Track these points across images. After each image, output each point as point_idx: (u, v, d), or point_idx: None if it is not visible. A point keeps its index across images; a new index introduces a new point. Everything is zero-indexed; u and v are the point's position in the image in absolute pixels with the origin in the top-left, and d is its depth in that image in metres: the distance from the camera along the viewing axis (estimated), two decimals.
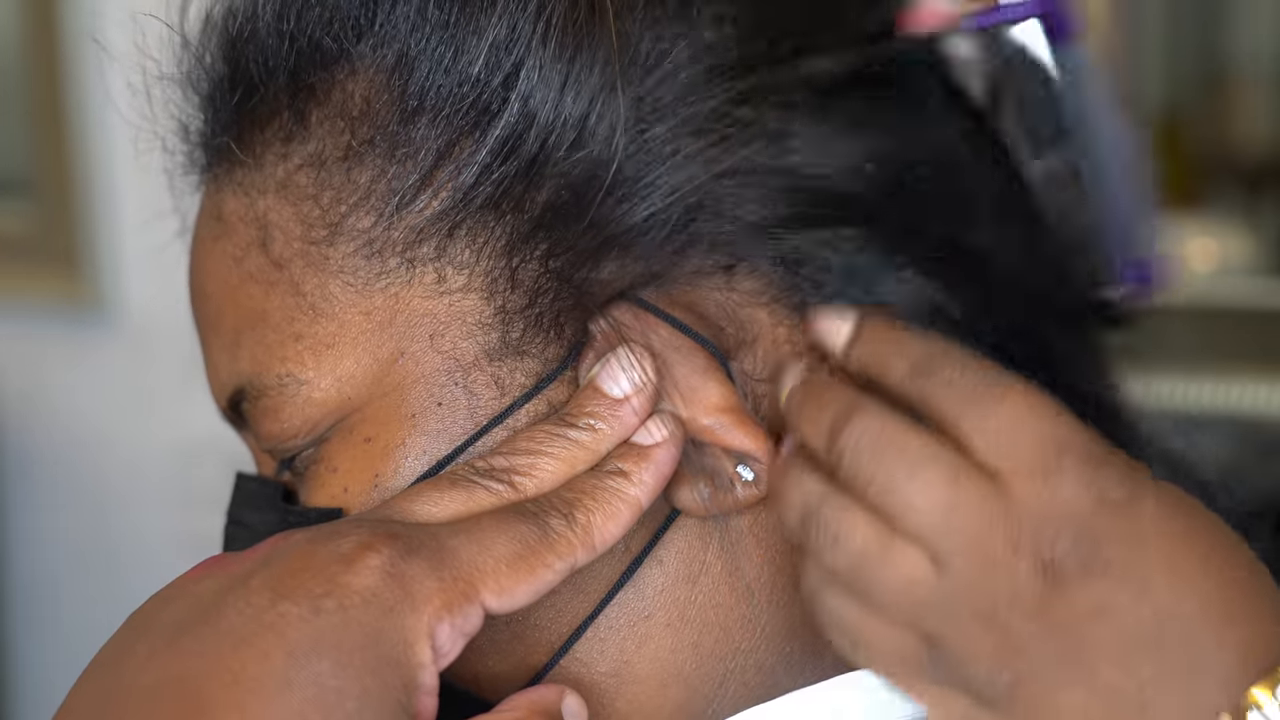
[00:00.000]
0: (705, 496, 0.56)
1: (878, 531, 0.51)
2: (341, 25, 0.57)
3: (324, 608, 0.48)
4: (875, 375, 0.53)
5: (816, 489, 0.52)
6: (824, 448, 0.52)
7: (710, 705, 0.58)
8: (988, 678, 0.49)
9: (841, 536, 0.51)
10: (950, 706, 0.51)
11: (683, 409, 0.55)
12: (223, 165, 0.60)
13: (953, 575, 0.49)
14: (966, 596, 0.49)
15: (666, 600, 0.57)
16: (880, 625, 0.51)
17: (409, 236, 0.56)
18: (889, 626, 0.51)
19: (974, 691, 0.50)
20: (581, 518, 0.53)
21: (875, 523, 0.51)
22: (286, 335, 0.57)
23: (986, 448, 0.50)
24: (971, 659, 0.49)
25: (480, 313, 0.56)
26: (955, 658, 0.50)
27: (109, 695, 0.49)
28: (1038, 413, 0.50)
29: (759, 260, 0.56)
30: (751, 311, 0.57)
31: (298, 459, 0.59)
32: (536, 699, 0.54)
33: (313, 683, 0.47)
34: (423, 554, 0.50)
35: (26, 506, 2.20)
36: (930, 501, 0.50)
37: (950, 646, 0.50)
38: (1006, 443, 0.49)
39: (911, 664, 0.51)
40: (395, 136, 0.56)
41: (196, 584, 0.51)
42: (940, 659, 0.50)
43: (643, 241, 0.55)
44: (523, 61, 0.55)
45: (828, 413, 0.52)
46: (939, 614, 0.50)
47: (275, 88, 0.58)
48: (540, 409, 0.56)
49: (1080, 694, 0.48)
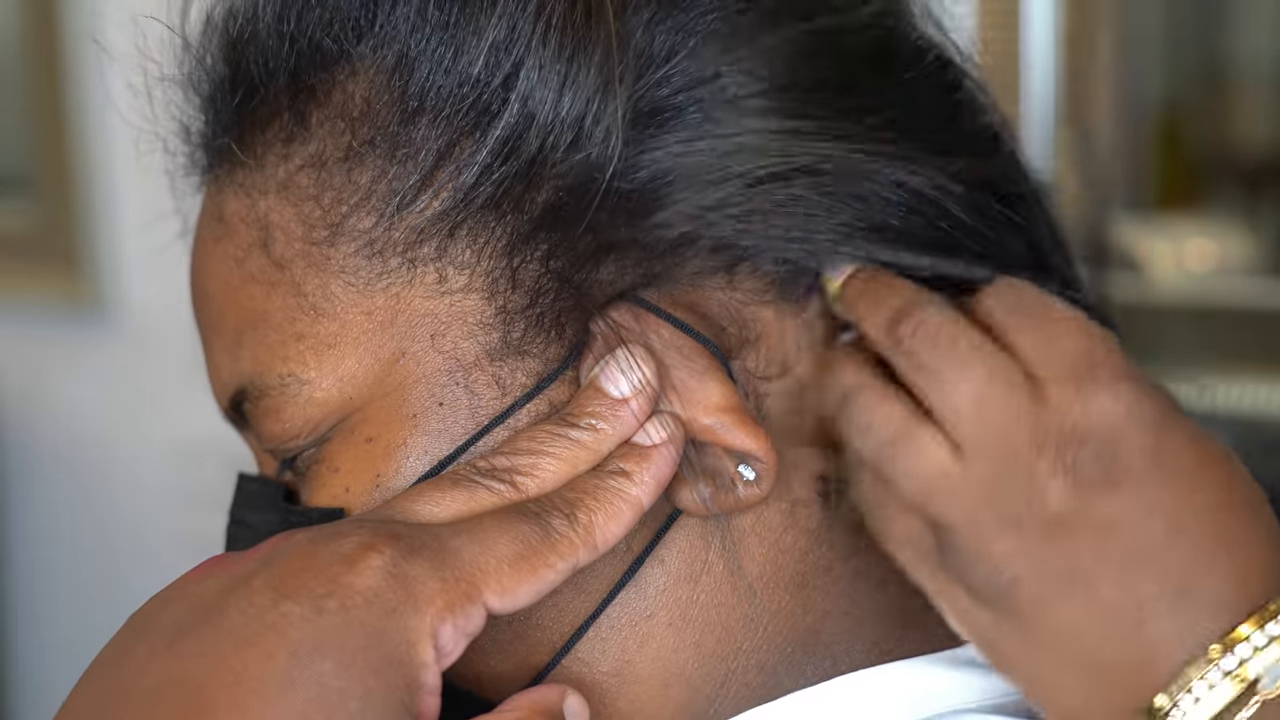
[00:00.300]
0: (706, 496, 0.56)
1: (907, 417, 0.52)
2: (341, 26, 0.57)
3: (326, 608, 0.48)
4: None
5: (858, 377, 0.54)
6: (880, 334, 0.54)
7: (712, 705, 0.58)
8: (987, 575, 0.50)
9: (875, 422, 0.53)
10: (954, 599, 0.52)
11: (684, 409, 0.55)
12: (224, 166, 0.60)
13: (972, 466, 0.50)
14: (981, 489, 0.50)
15: (668, 600, 0.57)
16: (898, 508, 0.53)
17: (410, 237, 0.56)
18: (905, 511, 0.52)
19: (974, 588, 0.51)
20: (583, 517, 0.53)
21: (907, 409, 0.52)
22: (288, 335, 0.57)
23: (1031, 354, 0.51)
24: (976, 554, 0.50)
25: (481, 313, 0.56)
26: (960, 550, 0.51)
27: (109, 696, 0.49)
28: (1080, 328, 0.51)
29: (761, 260, 0.56)
30: (755, 310, 0.57)
31: (299, 459, 0.59)
32: (538, 699, 0.54)
33: (315, 683, 0.47)
34: (425, 554, 0.50)
35: (26, 506, 2.20)
36: (966, 392, 0.51)
37: (958, 538, 0.51)
38: (1049, 351, 0.51)
39: (921, 550, 0.52)
40: (396, 137, 0.56)
41: (198, 584, 0.51)
42: (947, 549, 0.51)
43: (643, 242, 0.55)
44: (522, 62, 0.55)
45: (890, 302, 0.54)
46: (952, 503, 0.51)
47: (276, 89, 0.58)
48: (541, 409, 0.56)
49: (1077, 606, 0.49)
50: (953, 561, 0.51)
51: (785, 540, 0.58)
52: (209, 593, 0.50)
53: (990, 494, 0.50)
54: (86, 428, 2.13)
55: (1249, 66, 2.02)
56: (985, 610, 0.51)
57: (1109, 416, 0.50)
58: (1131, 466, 0.49)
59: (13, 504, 2.20)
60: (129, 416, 2.08)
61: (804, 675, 0.58)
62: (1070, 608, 0.49)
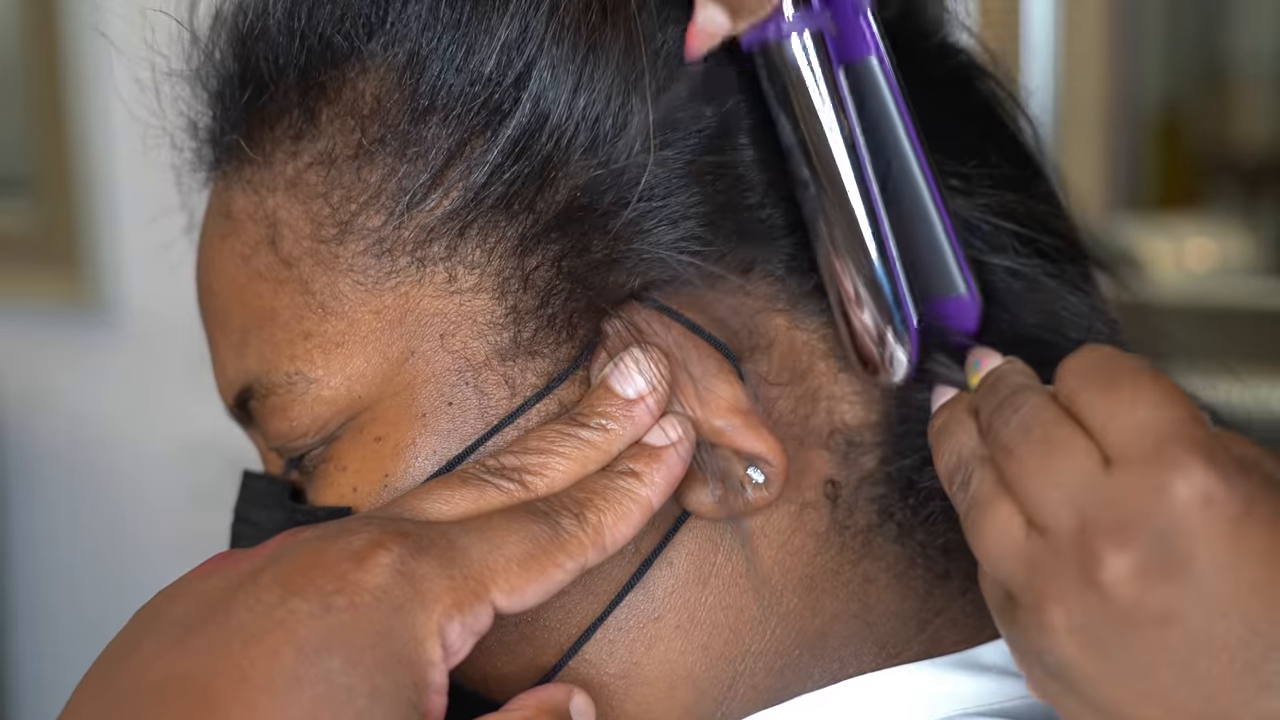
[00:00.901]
0: (716, 498, 0.56)
1: (994, 484, 0.51)
2: (353, 23, 0.57)
3: (334, 605, 0.48)
4: None
5: (970, 440, 0.53)
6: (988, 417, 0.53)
7: (719, 708, 0.57)
8: (1043, 652, 0.50)
9: (971, 481, 0.52)
10: (1026, 665, 0.52)
11: (694, 411, 0.55)
12: (232, 163, 0.60)
13: (1040, 543, 0.49)
14: (1046, 567, 0.49)
15: (677, 602, 0.57)
16: (984, 571, 0.52)
17: (419, 235, 0.56)
18: (986, 575, 0.52)
19: (1031, 661, 0.51)
20: (593, 518, 0.53)
21: (994, 476, 0.51)
22: (295, 333, 0.57)
23: (1101, 432, 0.49)
24: (1036, 628, 0.50)
25: (491, 312, 0.56)
26: (1023, 623, 0.50)
27: (116, 693, 0.49)
28: (1153, 400, 0.49)
29: (773, 266, 0.56)
30: (767, 316, 0.57)
31: (306, 457, 0.59)
32: (544, 698, 0.54)
33: (323, 680, 0.47)
34: (433, 552, 0.50)
35: (28, 506, 2.20)
36: (1042, 474, 0.50)
37: (1021, 611, 0.50)
38: (1119, 428, 0.49)
39: (999, 614, 0.52)
40: (406, 135, 0.56)
41: (204, 581, 0.51)
42: (1014, 618, 0.51)
43: (656, 245, 0.55)
44: (535, 61, 0.55)
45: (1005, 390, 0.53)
46: (1017, 576, 0.50)
47: (285, 85, 0.57)
48: (551, 409, 0.56)
49: (1133, 692, 0.48)
50: (1018, 631, 0.51)
51: (794, 543, 0.57)
52: (216, 589, 0.50)
53: (1053, 572, 0.49)
54: (87, 428, 2.13)
55: (1249, 66, 2.02)
56: (1053, 680, 0.50)
57: (1172, 502, 0.47)
58: (1193, 556, 0.47)
59: (13, 504, 2.20)
60: (130, 417, 2.08)
61: (811, 678, 0.58)
62: (1127, 693, 0.48)
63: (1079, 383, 0.51)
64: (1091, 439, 0.49)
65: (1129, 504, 0.48)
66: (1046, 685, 0.51)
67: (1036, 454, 0.50)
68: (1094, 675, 0.48)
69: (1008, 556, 0.50)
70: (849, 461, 0.58)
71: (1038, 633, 0.49)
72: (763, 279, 0.57)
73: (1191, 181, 2.02)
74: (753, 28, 0.54)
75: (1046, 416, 0.51)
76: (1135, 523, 0.47)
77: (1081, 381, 0.51)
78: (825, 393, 0.58)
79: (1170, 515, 0.47)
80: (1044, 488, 0.49)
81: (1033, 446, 0.50)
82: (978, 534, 0.51)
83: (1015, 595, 0.50)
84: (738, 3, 0.53)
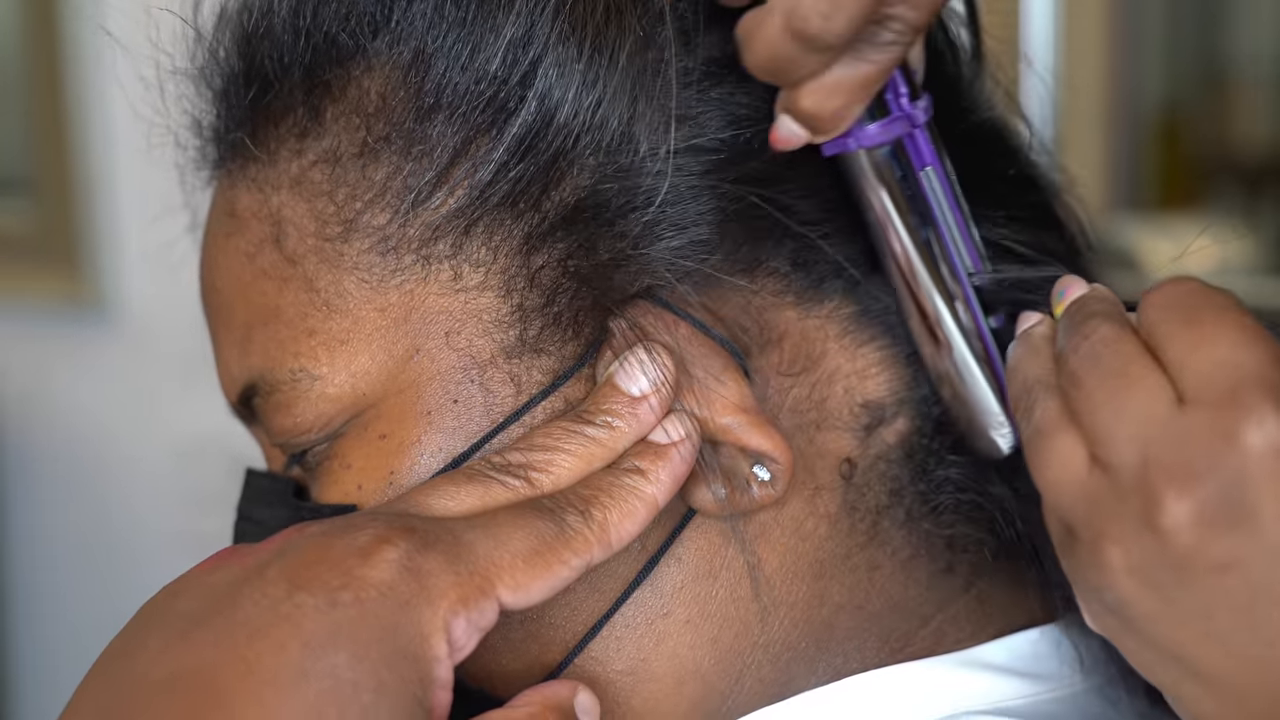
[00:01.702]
0: (721, 496, 0.56)
1: (1059, 415, 0.50)
2: (358, 21, 0.57)
3: (340, 600, 0.48)
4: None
5: (1041, 367, 0.53)
6: (1061, 344, 0.52)
7: (726, 702, 0.58)
8: (1101, 588, 0.49)
9: (1034, 412, 0.52)
10: (1086, 600, 0.51)
11: (700, 408, 0.55)
12: (236, 161, 0.60)
13: (1102, 479, 0.49)
14: (1107, 503, 0.48)
15: (686, 597, 0.57)
16: (1045, 502, 0.52)
17: (424, 233, 0.56)
18: (1047, 507, 0.51)
19: (1089, 596, 0.50)
20: (598, 515, 0.53)
21: (1061, 407, 0.51)
22: (300, 331, 0.57)
23: (1177, 369, 0.48)
24: (1092, 565, 0.49)
25: (497, 310, 0.56)
26: (1081, 558, 0.50)
27: (121, 687, 0.49)
28: (1232, 339, 0.48)
29: (779, 263, 0.57)
30: (776, 311, 0.57)
31: (309, 454, 0.59)
32: (549, 694, 0.54)
33: (329, 675, 0.47)
34: (439, 548, 0.50)
35: (27, 505, 2.20)
36: (1102, 404, 0.49)
37: (1080, 545, 0.50)
38: (1195, 366, 0.48)
39: (1058, 545, 0.51)
40: (411, 133, 0.56)
41: (210, 575, 0.51)
42: (1073, 552, 0.50)
43: (664, 248, 0.55)
44: (540, 59, 0.55)
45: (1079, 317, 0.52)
46: (1077, 509, 0.50)
47: (290, 83, 0.57)
48: (557, 406, 0.56)
49: (1195, 634, 0.47)
50: (1076, 565, 0.50)
51: (806, 526, 0.58)
52: (222, 584, 0.50)
53: (1113, 511, 0.48)
54: (87, 427, 2.13)
55: (1249, 66, 2.02)
56: (1111, 616, 0.50)
57: (1243, 450, 0.46)
58: (1259, 508, 0.46)
59: (13, 504, 2.20)
60: (129, 416, 2.08)
61: (815, 672, 0.58)
62: (1186, 634, 0.48)
63: (1159, 315, 0.50)
64: (1166, 375, 0.48)
65: (1196, 448, 0.47)
66: (1105, 620, 0.50)
67: (1105, 386, 0.49)
68: (1152, 615, 0.48)
69: (1068, 490, 0.50)
70: (869, 437, 0.58)
71: (1095, 570, 0.49)
72: (769, 276, 0.57)
73: (1191, 182, 2.02)
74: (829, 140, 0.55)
75: (1120, 348, 0.50)
76: (1201, 468, 0.46)
77: (1162, 314, 0.50)
78: (844, 371, 0.58)
79: (1239, 464, 0.46)
80: (1110, 422, 0.48)
81: (1102, 378, 0.49)
82: (1038, 463, 0.51)
83: (1074, 530, 0.50)
84: (814, 121, 0.54)
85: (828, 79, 0.52)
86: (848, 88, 0.53)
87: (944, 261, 0.57)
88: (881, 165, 0.56)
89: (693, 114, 0.56)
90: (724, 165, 0.56)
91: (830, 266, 0.58)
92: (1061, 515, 0.50)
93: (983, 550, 0.60)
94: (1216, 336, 0.48)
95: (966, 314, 0.57)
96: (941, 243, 0.57)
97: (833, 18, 0.50)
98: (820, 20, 0.50)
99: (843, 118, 0.54)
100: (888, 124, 0.56)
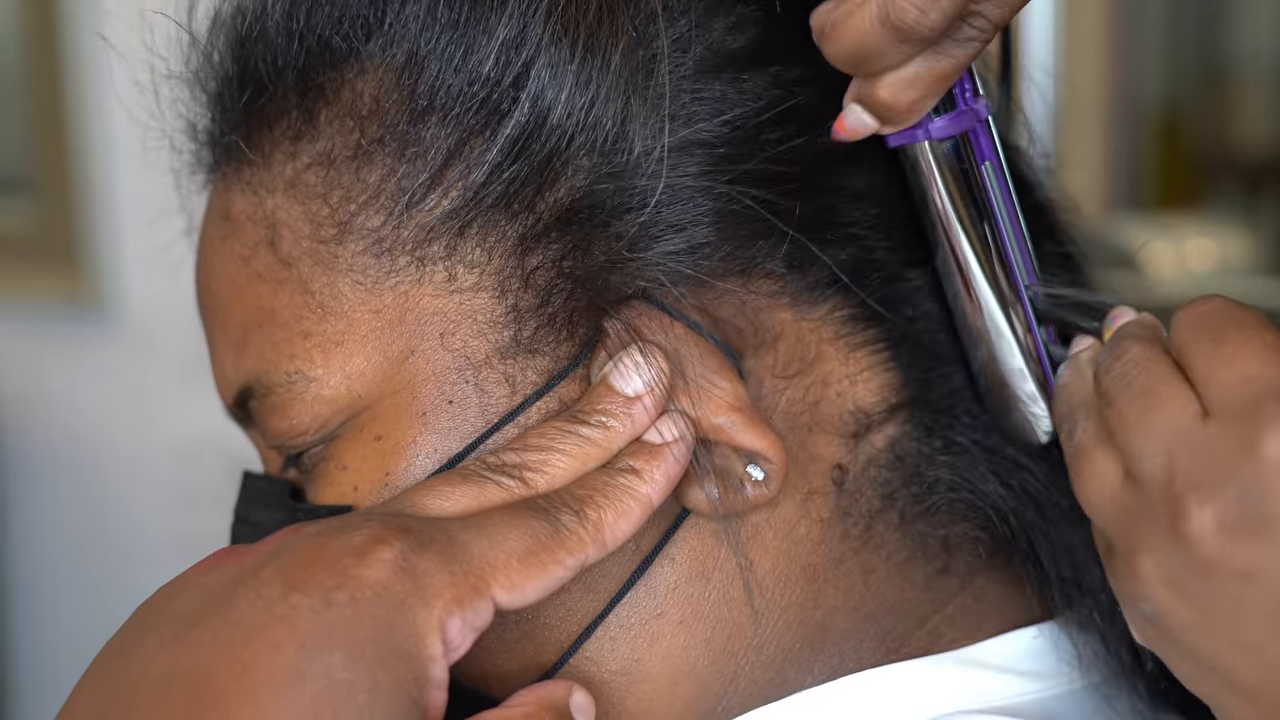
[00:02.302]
0: (715, 496, 0.56)
1: (1096, 434, 0.52)
2: (351, 24, 0.57)
3: (335, 600, 0.48)
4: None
5: (1083, 389, 0.54)
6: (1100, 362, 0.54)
7: (720, 702, 0.58)
8: (1137, 598, 0.50)
9: (1075, 433, 0.53)
10: (1126, 609, 0.52)
11: (694, 408, 0.55)
12: (231, 164, 0.60)
13: (1135, 493, 0.50)
14: (1140, 516, 0.50)
15: (680, 598, 0.57)
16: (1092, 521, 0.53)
17: (419, 235, 0.56)
18: (1093, 525, 0.53)
19: (1130, 608, 0.51)
20: (593, 514, 0.53)
21: (1097, 427, 0.52)
22: (295, 333, 0.57)
23: (1203, 384, 0.50)
24: (1128, 576, 0.50)
25: (491, 311, 0.56)
26: (1118, 569, 0.51)
27: (118, 687, 0.49)
28: (1255, 355, 0.49)
29: (774, 264, 0.57)
30: (771, 312, 0.57)
31: (306, 456, 0.59)
32: (544, 694, 0.54)
33: (324, 675, 0.47)
34: (434, 548, 0.50)
35: (26, 505, 2.20)
36: (1133, 421, 0.50)
37: (1116, 557, 0.51)
38: (1219, 380, 0.49)
39: (1104, 560, 0.53)
40: (405, 135, 0.56)
41: (206, 575, 0.51)
42: (1111, 563, 0.52)
43: (660, 250, 0.55)
44: (533, 61, 0.55)
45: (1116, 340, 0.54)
46: (1112, 523, 0.51)
47: (284, 86, 0.58)
48: (552, 406, 0.56)
49: (1225, 643, 0.48)
50: (1116, 578, 0.52)
51: (799, 530, 0.58)
52: (218, 584, 0.50)
53: (1145, 523, 0.49)
54: (86, 427, 2.13)
55: (1249, 66, 2.02)
56: (1151, 627, 0.51)
57: (1261, 460, 0.47)
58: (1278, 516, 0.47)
59: (13, 503, 2.20)
60: (128, 416, 2.08)
61: (811, 672, 0.58)
62: (1220, 643, 0.49)
63: (1188, 334, 0.51)
64: (1194, 391, 0.50)
65: (1218, 458, 0.48)
66: (1146, 631, 0.51)
67: (1135, 404, 0.51)
68: (1187, 624, 0.49)
69: (1105, 505, 0.51)
70: (859, 443, 0.58)
71: (1132, 581, 0.50)
72: (764, 277, 0.57)
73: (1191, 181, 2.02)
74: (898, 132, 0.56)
75: (1151, 367, 0.51)
76: (1221, 477, 0.48)
77: (1191, 333, 0.51)
78: (837, 375, 0.58)
79: (1259, 473, 0.47)
80: (1140, 438, 0.50)
81: (1132, 396, 0.51)
82: (1079, 482, 0.52)
83: (1112, 544, 0.51)
84: (889, 112, 0.54)
85: (907, 71, 0.53)
86: (926, 80, 0.53)
87: (998, 255, 0.58)
88: (943, 159, 0.57)
89: (688, 114, 0.56)
90: (720, 165, 0.56)
91: (827, 268, 0.58)
92: (1102, 530, 0.52)
93: (979, 549, 0.60)
94: (1241, 353, 0.49)
95: (1019, 311, 0.59)
96: (998, 237, 0.58)
97: (929, 11, 0.50)
98: (917, 13, 0.50)
99: (917, 110, 0.54)
100: (955, 118, 0.56)
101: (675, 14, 0.56)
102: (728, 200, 0.56)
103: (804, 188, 0.57)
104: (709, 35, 0.57)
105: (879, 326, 0.59)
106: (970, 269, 0.58)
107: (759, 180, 0.56)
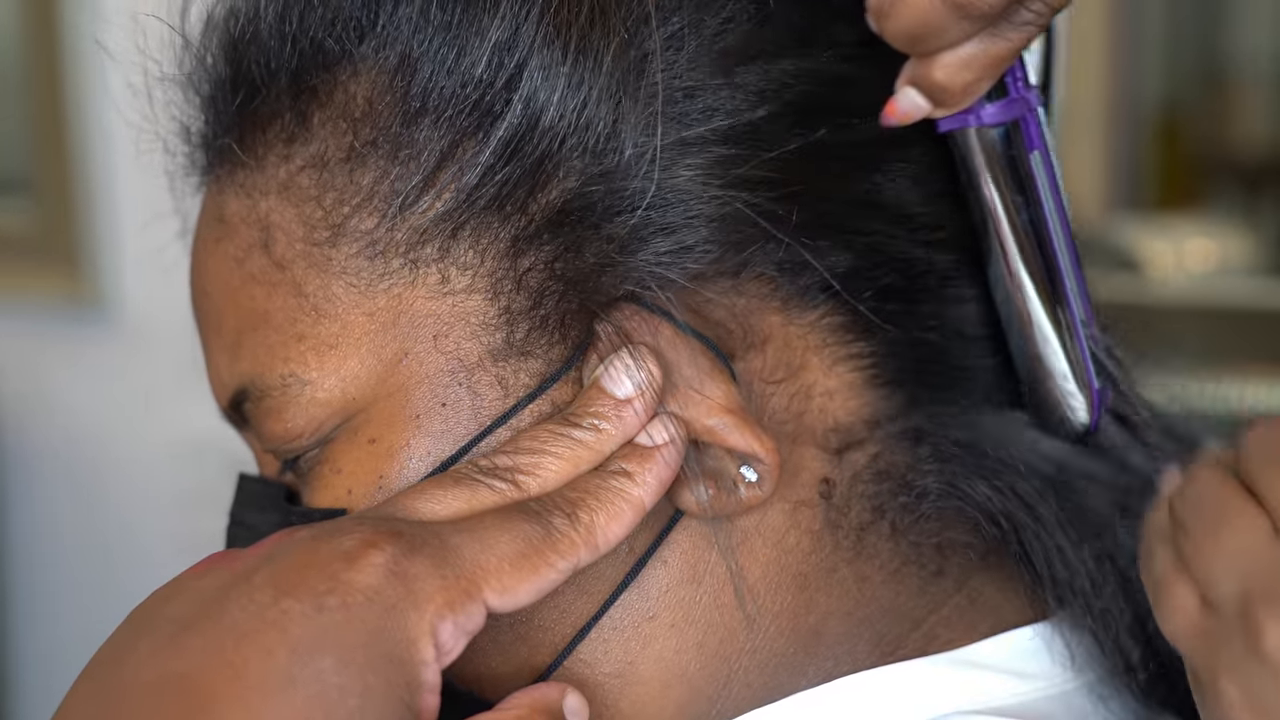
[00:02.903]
0: (708, 498, 0.56)
1: (1172, 562, 0.52)
2: (344, 26, 0.57)
3: (327, 605, 0.48)
4: None
5: (1160, 520, 0.54)
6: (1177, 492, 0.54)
7: (714, 706, 0.58)
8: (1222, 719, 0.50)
9: (1154, 566, 0.53)
10: None
11: (686, 410, 0.55)
12: (224, 167, 0.60)
13: (1212, 620, 0.50)
14: (1218, 641, 0.50)
15: (671, 600, 0.57)
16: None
17: (412, 237, 0.56)
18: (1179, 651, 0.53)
19: None
20: (585, 517, 0.53)
21: (1173, 555, 0.52)
22: (289, 336, 0.57)
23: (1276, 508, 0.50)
24: (1214, 704, 0.50)
25: (484, 313, 0.56)
26: (1206, 699, 0.51)
27: (110, 691, 0.49)
28: None
29: (766, 267, 0.57)
30: (761, 315, 0.57)
31: (301, 460, 0.59)
32: (538, 697, 0.54)
33: (315, 680, 0.47)
34: (425, 552, 0.50)
35: (25, 505, 2.20)
36: (1211, 548, 0.50)
37: (1202, 685, 0.51)
38: None
39: (1195, 695, 0.52)
40: (398, 138, 0.56)
41: (199, 580, 0.51)
42: (1200, 695, 0.51)
43: (649, 246, 0.55)
44: (525, 63, 0.55)
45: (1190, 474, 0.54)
46: (1195, 651, 0.51)
47: (277, 89, 0.58)
48: (544, 409, 0.56)
49: None
50: (1205, 708, 0.51)
51: (788, 540, 0.58)
52: (210, 588, 0.50)
53: (1223, 646, 0.49)
54: (85, 427, 2.13)
55: (1249, 66, 2.02)
56: None
57: None
58: None
59: (12, 503, 2.21)
60: (128, 416, 2.08)
61: (805, 675, 0.58)
62: None
63: (1257, 456, 0.51)
64: (1264, 511, 0.50)
65: None
66: None
67: (1206, 529, 0.51)
68: None
69: (1187, 635, 0.51)
70: (842, 459, 0.58)
71: (1218, 707, 0.50)
72: (755, 279, 0.57)
73: (1191, 182, 2.02)
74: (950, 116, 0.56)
75: (1219, 491, 0.51)
76: None
77: (1259, 453, 0.51)
78: (819, 388, 0.58)
79: None
80: (1212, 561, 0.50)
81: (1204, 522, 0.51)
82: (1162, 615, 0.52)
83: (1197, 673, 0.51)
84: (944, 94, 0.54)
85: (963, 51, 0.53)
86: (982, 63, 0.53)
87: (1044, 245, 0.58)
88: (991, 146, 0.57)
89: (681, 114, 0.56)
90: (715, 168, 0.56)
91: (819, 274, 0.58)
92: (1187, 661, 0.52)
93: (972, 552, 0.60)
94: None
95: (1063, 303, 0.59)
96: (1044, 226, 0.58)
97: None
98: None
99: (972, 93, 0.55)
100: (1007, 105, 0.56)
101: (668, 12, 0.56)
102: (721, 203, 0.56)
103: (805, 191, 0.57)
104: (702, 33, 0.56)
105: (868, 339, 0.58)
106: (1013, 258, 0.58)
107: (755, 183, 0.56)
